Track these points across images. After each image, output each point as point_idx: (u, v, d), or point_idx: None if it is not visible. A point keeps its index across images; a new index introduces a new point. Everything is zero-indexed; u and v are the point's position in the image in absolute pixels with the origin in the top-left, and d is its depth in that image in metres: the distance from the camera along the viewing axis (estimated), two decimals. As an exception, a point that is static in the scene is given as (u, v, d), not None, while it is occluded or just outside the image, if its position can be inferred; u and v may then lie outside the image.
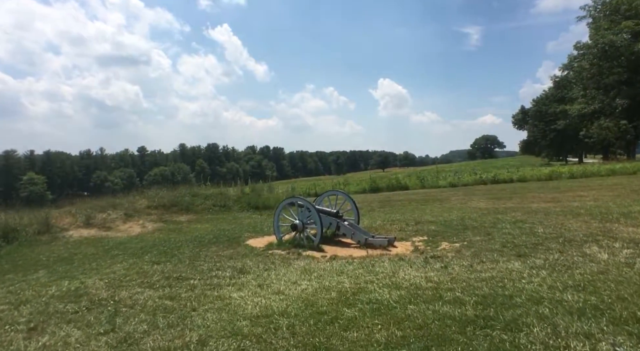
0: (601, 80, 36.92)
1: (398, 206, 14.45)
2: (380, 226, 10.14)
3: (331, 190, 9.97)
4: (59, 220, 10.81)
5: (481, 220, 9.64)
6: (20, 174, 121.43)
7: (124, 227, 11.14)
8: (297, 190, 26.12)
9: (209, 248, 8.51)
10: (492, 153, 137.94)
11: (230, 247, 8.65)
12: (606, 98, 36.61)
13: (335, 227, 8.63)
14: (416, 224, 10.02)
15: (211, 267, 6.61)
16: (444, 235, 8.51)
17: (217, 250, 8.37)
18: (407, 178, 25.68)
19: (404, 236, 8.91)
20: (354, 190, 23.25)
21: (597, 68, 36.56)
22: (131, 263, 7.39)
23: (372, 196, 19.48)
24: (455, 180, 23.31)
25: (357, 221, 9.43)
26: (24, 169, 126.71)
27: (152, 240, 9.68)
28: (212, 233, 10.27)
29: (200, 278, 5.92)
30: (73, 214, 11.35)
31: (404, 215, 11.68)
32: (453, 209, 12.40)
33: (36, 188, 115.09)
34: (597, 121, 37.52)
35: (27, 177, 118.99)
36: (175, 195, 14.36)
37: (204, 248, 8.62)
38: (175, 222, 12.11)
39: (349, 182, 29.75)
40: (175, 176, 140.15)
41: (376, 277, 5.28)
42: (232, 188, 17.12)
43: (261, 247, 8.51)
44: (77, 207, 11.97)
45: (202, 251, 8.28)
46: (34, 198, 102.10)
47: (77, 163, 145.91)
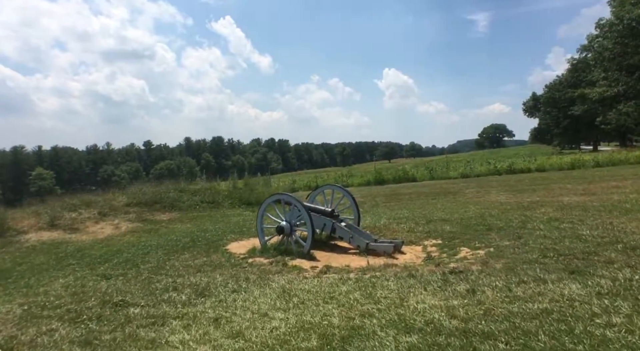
0: (624, 61, 34.50)
1: (405, 200, 12.93)
2: (384, 226, 8.64)
3: (327, 185, 8.48)
4: (18, 221, 9.47)
5: (506, 218, 8.10)
6: (29, 169, 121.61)
7: (94, 228, 9.78)
8: (298, 183, 24.68)
9: (180, 256, 7.09)
10: (500, 143, 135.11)
11: (206, 253, 7.22)
12: (630, 80, 34.23)
13: (330, 228, 7.15)
14: (427, 223, 8.51)
15: (168, 286, 5.17)
16: (462, 237, 6.99)
17: (188, 257, 6.95)
18: (414, 170, 24.07)
19: (414, 238, 7.41)
20: (357, 182, 21.72)
21: (622, 47, 34.05)
22: (78, 277, 5.99)
23: (377, 189, 17.96)
24: (467, 170, 21.65)
25: (357, 221, 7.94)
26: (32, 165, 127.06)
27: (120, 244, 8.29)
28: (191, 235, 8.85)
29: (145, 303, 4.48)
30: (38, 214, 10.00)
31: (412, 212, 10.16)
32: (469, 204, 10.85)
33: (45, 183, 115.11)
34: (619, 105, 35.28)
35: (35, 172, 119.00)
36: (158, 191, 12.97)
37: (174, 255, 7.20)
38: (154, 222, 10.71)
39: (353, 174, 28.23)
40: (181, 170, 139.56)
41: (377, 307, 3.80)
42: (224, 182, 15.70)
43: (241, 254, 7.07)
44: (45, 206, 10.63)
45: (170, 259, 6.86)
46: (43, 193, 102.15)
47: (84, 158, 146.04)
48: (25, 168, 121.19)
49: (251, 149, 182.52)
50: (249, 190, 14.88)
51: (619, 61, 34.73)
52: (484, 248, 6.15)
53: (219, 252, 7.32)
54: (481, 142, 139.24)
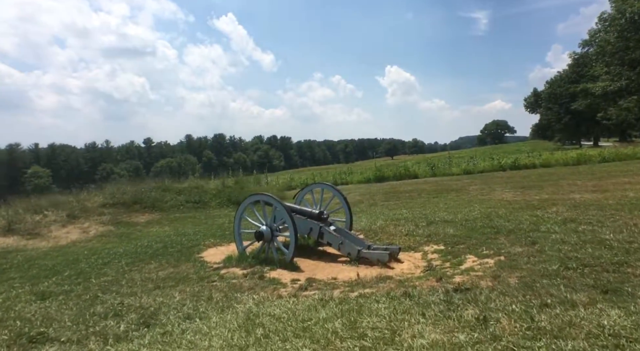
0: (626, 55, 33.54)
1: (405, 198, 12.05)
2: (381, 228, 7.77)
3: (316, 183, 7.62)
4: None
5: (515, 219, 7.23)
6: (25, 168, 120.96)
7: (59, 232, 8.94)
8: (296, 180, 23.81)
9: (144, 266, 6.24)
10: (502, 139, 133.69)
11: (176, 262, 6.37)
12: (632, 75, 33.29)
13: (317, 233, 6.28)
14: (428, 225, 7.64)
15: (110, 309, 4.30)
16: (468, 242, 6.12)
17: (153, 268, 6.10)
18: (416, 166, 23.13)
19: (413, 243, 6.54)
20: (357, 179, 20.83)
21: (624, 41, 33.11)
22: (10, 297, 5.07)
23: (377, 186, 17.07)
24: (470, 166, 20.72)
25: (349, 224, 7.07)
26: (28, 163, 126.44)
27: (81, 252, 7.44)
28: (165, 241, 8.00)
29: (68, 338, 3.60)
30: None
31: (412, 211, 9.28)
32: (473, 202, 9.96)
33: (41, 182, 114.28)
34: (620, 100, 34.31)
35: (31, 170, 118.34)
36: (139, 190, 12.11)
37: (139, 265, 6.36)
38: (130, 224, 9.87)
39: (353, 171, 27.31)
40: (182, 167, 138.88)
41: (361, 344, 2.93)
42: (212, 180, 14.84)
43: (215, 263, 6.23)
44: (7, 208, 9.77)
45: (132, 271, 6.01)
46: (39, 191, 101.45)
47: (82, 156, 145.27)
48: (21, 167, 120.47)
49: (253, 146, 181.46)
50: (239, 188, 14.03)
51: (621, 55, 33.71)
52: (493, 255, 5.28)
53: (191, 260, 6.47)
54: (483, 138, 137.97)
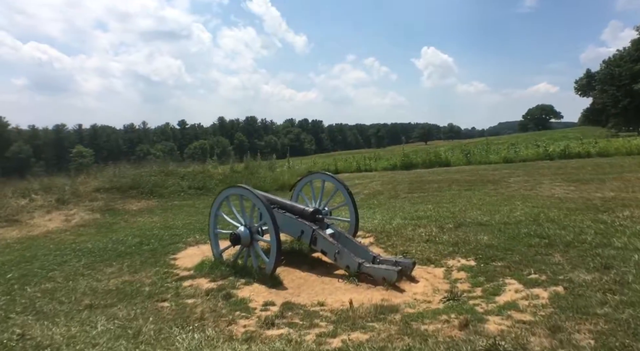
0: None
1: (433, 190, 10.44)
2: (396, 229, 6.31)
3: (315, 173, 6.20)
4: None
5: (573, 225, 5.58)
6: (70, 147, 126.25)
7: (40, 219, 8.05)
8: (318, 165, 22.45)
9: (101, 270, 5.11)
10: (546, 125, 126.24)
11: (140, 266, 5.21)
12: None
13: (309, 238, 4.91)
14: (456, 228, 6.11)
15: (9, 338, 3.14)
16: (508, 257, 4.59)
17: (109, 274, 4.96)
18: (449, 152, 21.15)
19: (434, 254, 5.06)
20: (382, 166, 19.20)
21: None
22: None
23: (402, 175, 15.44)
24: (511, 154, 18.54)
25: (354, 226, 5.64)
26: (73, 142, 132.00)
27: (45, 246, 6.44)
28: (145, 235, 6.89)
29: None
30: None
31: (438, 208, 7.74)
32: (515, 199, 8.28)
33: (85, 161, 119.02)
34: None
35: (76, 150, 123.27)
36: (139, 174, 11.13)
37: (97, 267, 5.25)
38: (119, 212, 8.87)
39: (381, 156, 25.66)
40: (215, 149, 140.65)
41: None
42: (220, 165, 13.72)
43: (185, 270, 5.02)
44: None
45: (82, 277, 4.90)
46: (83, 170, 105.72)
47: (121, 137, 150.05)
48: (67, 146, 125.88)
49: (284, 129, 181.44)
50: (248, 174, 12.83)
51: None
52: (545, 284, 3.74)
53: (159, 264, 5.28)
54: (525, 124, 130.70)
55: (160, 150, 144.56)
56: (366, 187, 12.07)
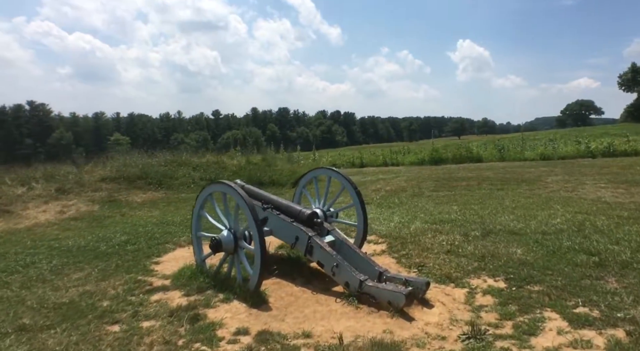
0: None
1: (461, 188, 9.45)
2: (414, 235, 5.47)
3: (319, 168, 5.40)
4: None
5: (629, 238, 4.61)
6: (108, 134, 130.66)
7: (34, 210, 7.68)
8: (342, 158, 21.62)
9: (68, 275, 4.58)
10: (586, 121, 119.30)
11: (112, 272, 4.63)
12: None
13: (305, 246, 4.16)
14: (484, 236, 5.21)
15: None
16: (548, 280, 3.71)
17: (75, 280, 4.42)
18: (481, 148, 19.78)
19: (455, 269, 4.22)
20: (410, 161, 18.15)
21: None
22: None
23: (429, 170, 14.40)
24: (549, 150, 17.06)
25: (361, 232, 4.83)
26: (111, 130, 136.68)
27: (22, 243, 5.95)
28: (136, 232, 6.35)
29: None
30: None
31: (465, 210, 6.81)
32: (554, 201, 7.24)
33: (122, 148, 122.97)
34: None
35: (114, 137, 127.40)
36: (148, 163, 10.69)
37: (66, 271, 4.72)
38: (120, 204, 8.41)
39: (410, 150, 24.53)
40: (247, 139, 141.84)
41: None
42: (237, 156, 13.13)
43: (163, 277, 4.41)
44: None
45: (43, 283, 4.37)
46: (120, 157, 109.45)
47: (157, 126, 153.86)
48: (105, 134, 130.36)
49: (316, 121, 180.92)
50: (265, 165, 12.19)
51: None
52: (599, 324, 2.86)
53: (135, 269, 4.68)
54: (563, 120, 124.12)
55: (194, 139, 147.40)
56: (389, 183, 11.19)
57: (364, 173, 14.83)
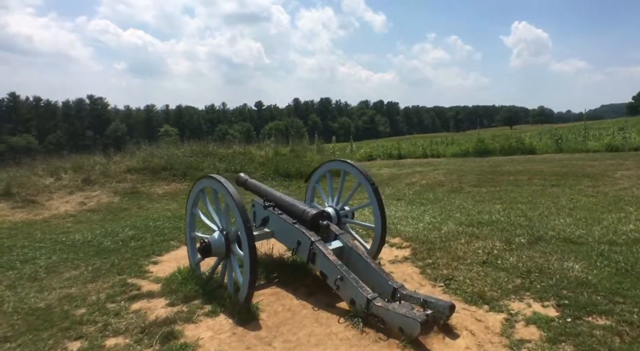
0: None
1: (507, 184, 8.39)
2: (444, 239, 4.66)
3: (334, 160, 4.66)
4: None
5: None
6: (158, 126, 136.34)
7: (56, 201, 7.57)
8: (379, 149, 20.68)
9: (61, 274, 4.23)
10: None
11: (105, 272, 4.23)
12: None
13: (307, 253, 3.51)
14: (531, 244, 4.32)
15: None
16: (618, 311, 2.84)
17: (65, 280, 4.04)
18: (535, 138, 18.12)
19: (490, 286, 3.43)
20: (452, 152, 16.93)
21: None
22: None
23: (473, 163, 13.23)
24: (618, 140, 15.17)
25: (378, 239, 4.08)
26: (161, 121, 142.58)
27: (33, 236, 5.75)
28: (146, 226, 6.00)
29: None
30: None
31: (509, 211, 5.87)
32: (624, 201, 6.10)
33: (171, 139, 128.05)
34: None
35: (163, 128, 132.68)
36: (173, 154, 10.44)
37: (59, 269, 4.37)
38: (141, 196, 8.17)
39: (454, 141, 23.15)
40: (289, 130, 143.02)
41: None
42: (265, 147, 12.67)
43: (155, 281, 3.96)
44: (17, 169, 8.77)
45: (32, 282, 4.04)
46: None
47: (202, 117, 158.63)
48: (155, 125, 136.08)
49: (358, 111, 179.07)
50: (293, 157, 11.63)
51: None
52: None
53: (129, 270, 4.25)
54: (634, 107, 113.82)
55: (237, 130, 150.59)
56: (425, 176, 10.27)
57: (401, 165, 13.90)
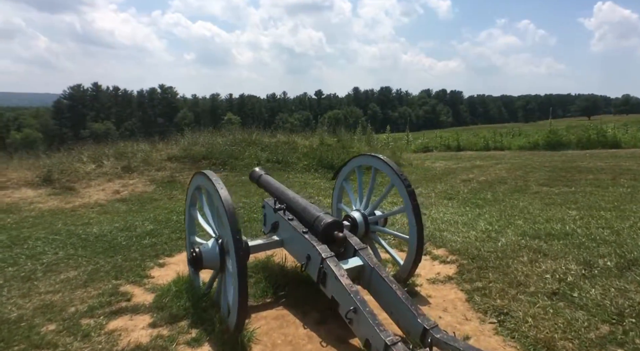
0: None
1: (585, 184, 7.08)
2: (500, 256, 3.75)
3: (363, 155, 3.87)
4: (5, 174, 7.65)
5: None
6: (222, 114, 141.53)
7: (93, 189, 7.48)
8: (438, 140, 19.28)
9: (56, 274, 3.89)
10: None
11: (104, 275, 3.84)
12: None
13: (316, 272, 2.82)
14: (621, 271, 3.32)
15: None
16: None
17: (59, 283, 3.70)
18: (619, 130, 15.86)
19: (561, 333, 2.52)
20: (518, 144, 15.22)
21: None
22: None
23: (543, 157, 11.66)
24: None
25: (413, 255, 3.27)
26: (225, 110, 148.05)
27: (52, 223, 5.59)
28: (165, 220, 5.64)
29: None
30: (37, 167, 8.00)
31: (588, 219, 4.75)
32: None
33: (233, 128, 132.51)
34: None
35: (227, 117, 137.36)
36: (214, 143, 10.11)
37: (59, 268, 4.06)
38: (175, 186, 7.88)
39: (520, 132, 21.15)
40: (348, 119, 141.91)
41: None
42: (311, 137, 12.02)
43: (150, 290, 3.51)
44: (62, 155, 8.85)
45: (24, 282, 3.73)
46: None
47: (264, 106, 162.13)
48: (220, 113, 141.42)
49: (420, 100, 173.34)
50: (339, 147, 10.90)
51: None
52: None
53: (128, 275, 3.82)
54: None
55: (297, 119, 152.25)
56: (485, 171, 9.11)
57: (459, 158, 12.65)
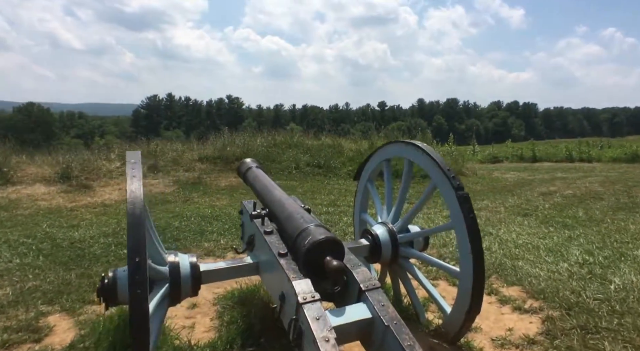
0: None
1: None
2: (610, 311, 2.29)
3: (395, 142, 2.58)
4: (23, 169, 7.26)
5: None
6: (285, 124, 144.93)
7: (109, 188, 6.82)
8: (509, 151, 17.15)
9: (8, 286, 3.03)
10: None
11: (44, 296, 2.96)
12: None
13: (289, 324, 1.62)
14: None
15: None
16: None
17: None
18: None
19: None
20: (611, 156, 12.79)
21: None
22: None
23: (627, 172, 9.43)
24: None
25: (467, 297, 1.97)
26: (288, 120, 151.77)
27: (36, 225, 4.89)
28: (159, 229, 4.69)
29: None
30: (58, 163, 7.57)
31: None
32: None
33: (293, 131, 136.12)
34: None
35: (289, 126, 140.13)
36: (252, 144, 9.27)
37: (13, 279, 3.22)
38: (197, 188, 7.04)
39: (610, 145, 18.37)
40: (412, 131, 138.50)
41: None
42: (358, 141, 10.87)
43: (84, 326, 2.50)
44: (88, 152, 8.45)
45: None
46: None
47: (326, 116, 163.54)
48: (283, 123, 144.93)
49: (489, 113, 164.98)
50: (390, 152, 9.57)
51: None
52: None
53: (68, 298, 2.97)
54: None
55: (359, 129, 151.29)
56: (571, 184, 7.33)
57: (535, 169, 10.72)
